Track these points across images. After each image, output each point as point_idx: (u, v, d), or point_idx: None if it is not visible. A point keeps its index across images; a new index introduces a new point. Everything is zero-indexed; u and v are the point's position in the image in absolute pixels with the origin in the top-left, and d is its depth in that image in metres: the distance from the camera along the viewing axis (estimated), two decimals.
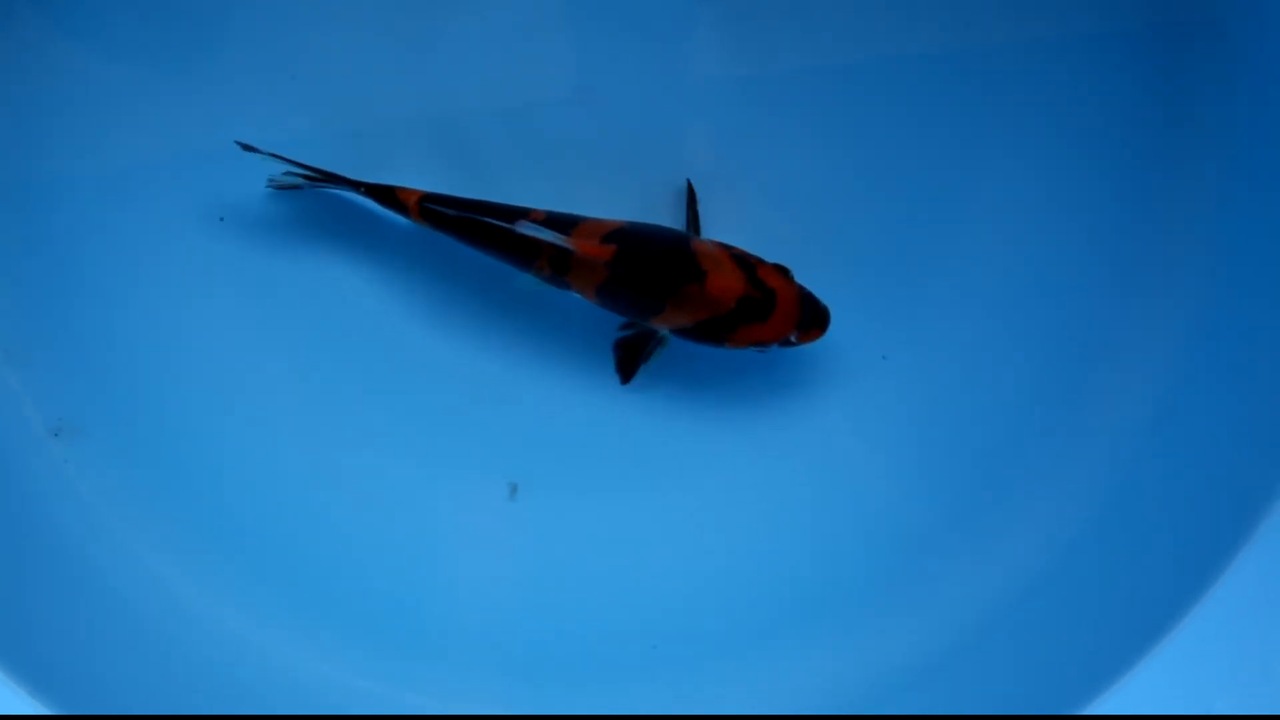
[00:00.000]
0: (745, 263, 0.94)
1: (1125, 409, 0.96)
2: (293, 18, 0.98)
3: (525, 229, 0.92)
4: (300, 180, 0.96)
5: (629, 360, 0.97)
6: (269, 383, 0.98)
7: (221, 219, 0.98)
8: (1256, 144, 0.94)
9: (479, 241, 0.94)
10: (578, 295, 0.95)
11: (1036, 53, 0.99)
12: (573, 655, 0.95)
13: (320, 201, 0.99)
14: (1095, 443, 0.96)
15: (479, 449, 0.98)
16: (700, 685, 0.95)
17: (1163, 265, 0.97)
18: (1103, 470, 0.96)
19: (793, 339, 0.94)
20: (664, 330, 0.96)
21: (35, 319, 0.96)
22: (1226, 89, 0.95)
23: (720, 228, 0.98)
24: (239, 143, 0.94)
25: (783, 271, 0.94)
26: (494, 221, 0.93)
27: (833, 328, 0.95)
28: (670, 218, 0.99)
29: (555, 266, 0.93)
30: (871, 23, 0.99)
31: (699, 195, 0.99)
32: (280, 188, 0.96)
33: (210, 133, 0.97)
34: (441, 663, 0.95)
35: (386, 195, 0.95)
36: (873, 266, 1.00)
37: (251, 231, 0.99)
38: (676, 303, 0.92)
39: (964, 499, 0.98)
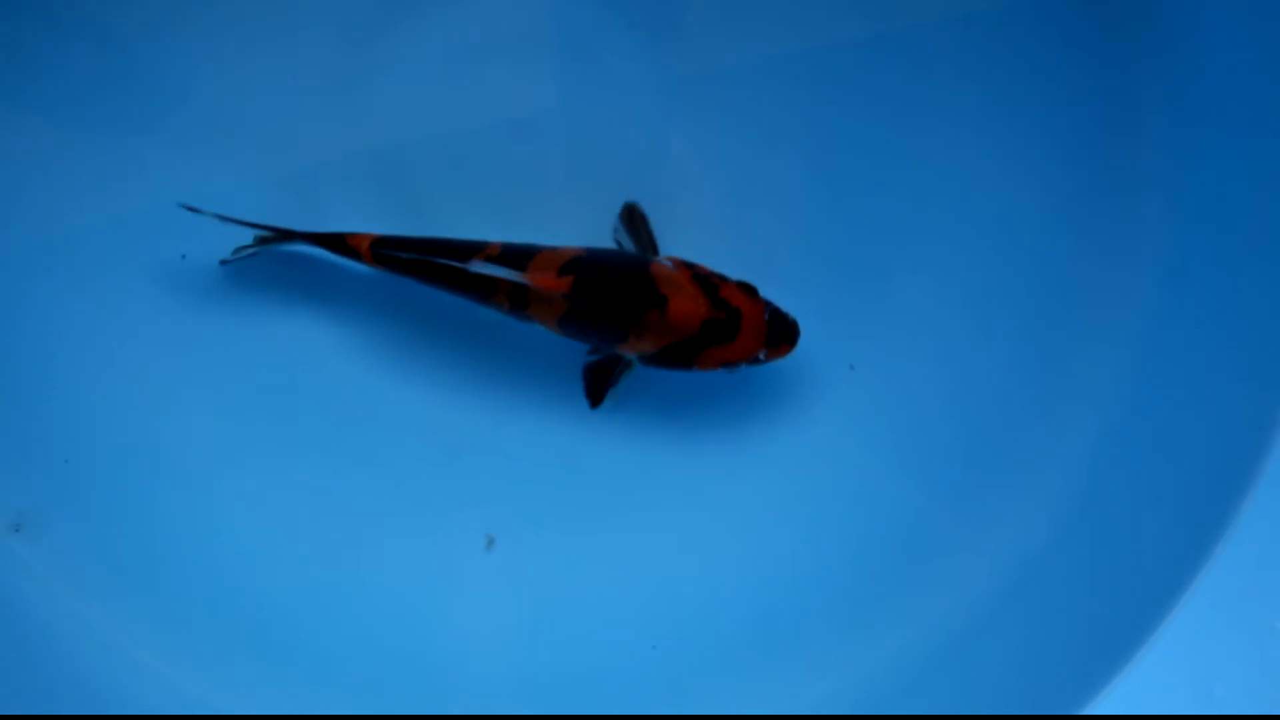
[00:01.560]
0: (708, 283, 0.92)
1: (1099, 397, 0.95)
2: (225, 74, 0.97)
3: (479, 268, 0.91)
4: (252, 247, 0.94)
5: (597, 385, 0.96)
6: (235, 450, 0.96)
7: (172, 280, 0.97)
8: (1204, 96, 0.94)
9: (435, 282, 0.93)
10: (543, 329, 0.93)
11: (974, 26, 0.98)
12: (561, 695, 0.94)
13: (272, 258, 0.97)
14: (1072, 435, 0.95)
15: (453, 501, 0.97)
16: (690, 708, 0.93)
17: (1125, 239, 0.97)
18: (1081, 461, 0.95)
19: (761, 357, 0.93)
20: (630, 356, 0.94)
21: None
22: (1166, 44, 0.95)
23: (673, 243, 0.97)
24: (183, 205, 0.93)
25: (747, 289, 0.93)
26: (448, 262, 0.92)
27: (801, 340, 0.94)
28: (627, 237, 0.98)
29: (514, 302, 0.92)
30: (804, 15, 0.98)
31: (649, 215, 0.97)
32: (235, 260, 0.95)
33: (151, 198, 0.95)
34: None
35: (337, 243, 0.93)
36: (831, 275, 0.98)
37: (203, 295, 0.97)
38: (639, 331, 0.91)
39: (942, 500, 0.97)
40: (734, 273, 0.94)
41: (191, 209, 0.92)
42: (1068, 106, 0.97)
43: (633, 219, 0.97)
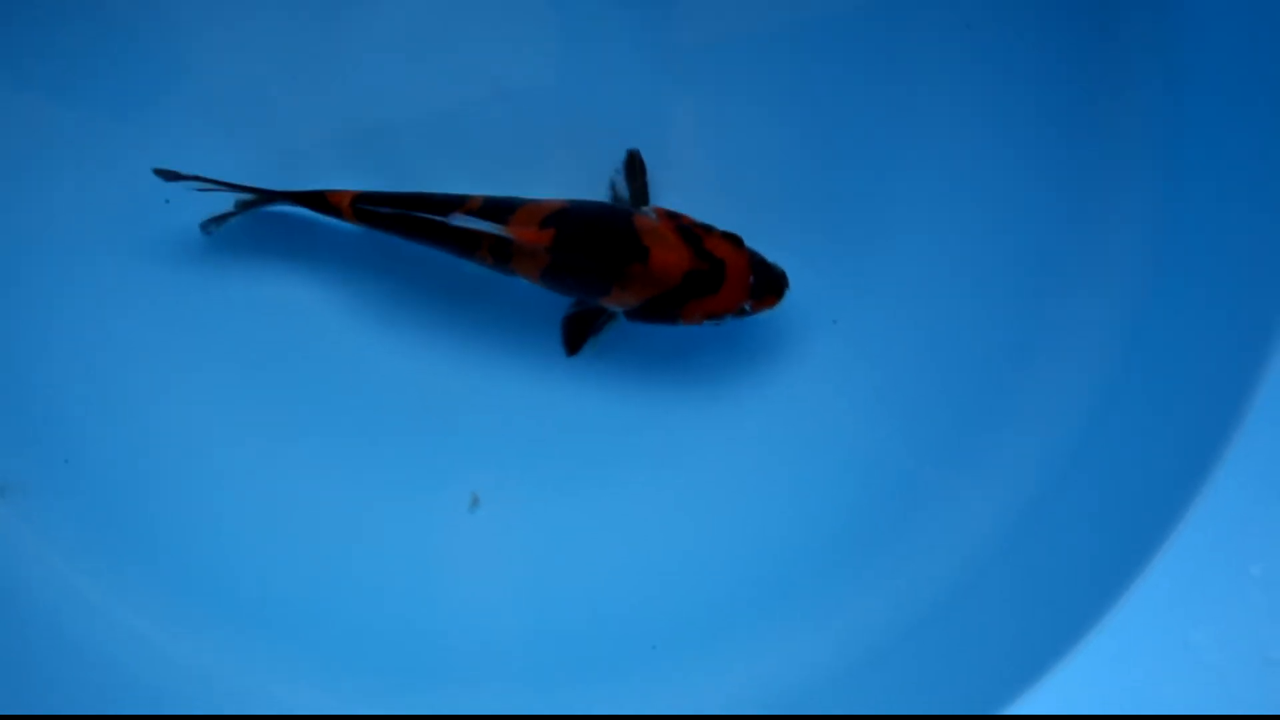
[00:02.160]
0: (691, 234, 0.92)
1: (1087, 350, 0.95)
2: (203, 44, 0.96)
3: (460, 221, 0.90)
4: (231, 209, 0.93)
5: (576, 334, 0.96)
6: (216, 412, 0.96)
7: (155, 247, 0.96)
8: (1194, 52, 0.93)
9: (417, 237, 0.93)
10: (526, 282, 0.93)
11: None
12: (554, 657, 0.94)
13: (252, 221, 0.96)
14: (1060, 388, 0.95)
15: (437, 460, 0.97)
16: (686, 671, 0.94)
17: (1114, 196, 0.96)
18: (1071, 413, 0.95)
19: (747, 308, 0.93)
20: (614, 308, 0.94)
21: None
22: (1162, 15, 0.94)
23: (661, 200, 0.97)
24: (157, 170, 0.92)
25: (732, 239, 0.92)
26: (429, 216, 0.91)
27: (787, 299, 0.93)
28: (621, 187, 0.97)
29: (497, 255, 0.91)
30: None
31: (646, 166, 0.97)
32: (215, 222, 0.94)
33: (131, 166, 0.94)
34: (423, 679, 0.94)
35: (318, 201, 0.93)
36: (815, 229, 0.97)
37: (182, 259, 0.96)
38: (622, 283, 0.91)
39: (931, 453, 0.97)
40: (721, 226, 0.93)
41: (168, 174, 0.91)
42: (1055, 61, 0.96)
43: (633, 167, 0.96)
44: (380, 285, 0.97)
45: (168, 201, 0.95)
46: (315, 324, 0.96)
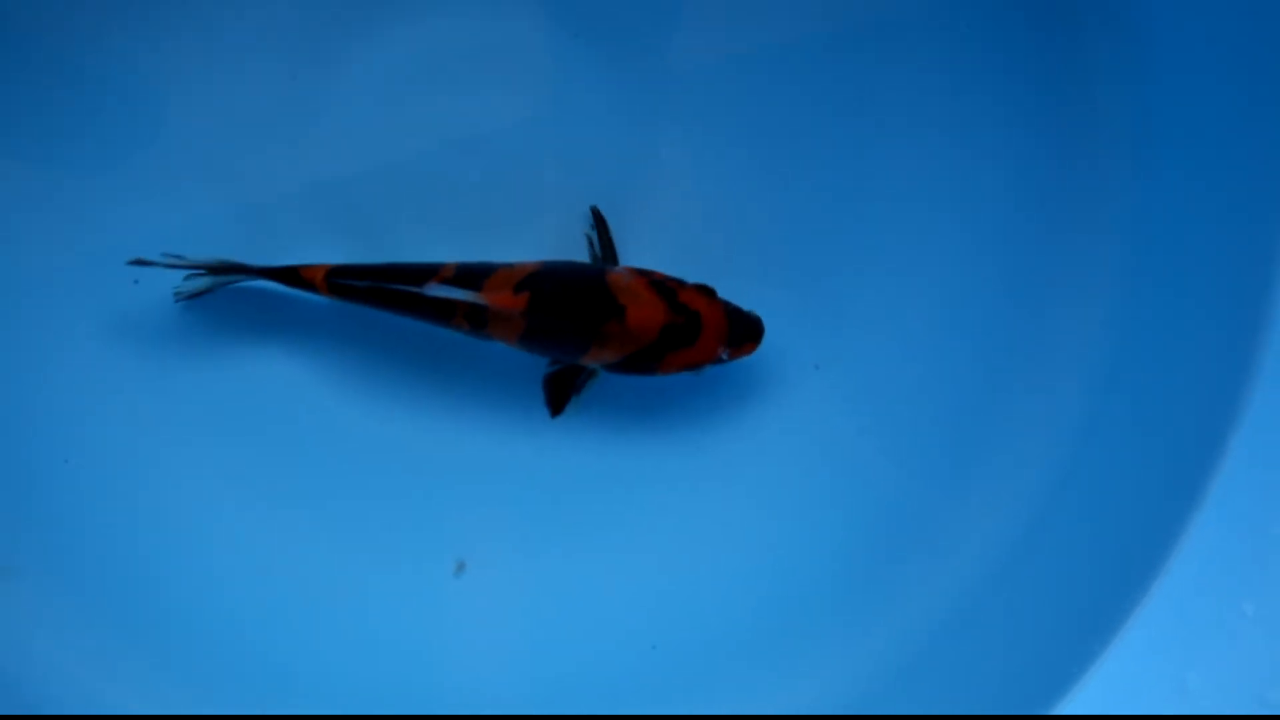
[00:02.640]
0: (665, 289, 0.91)
1: (1071, 375, 0.95)
2: (171, 107, 0.96)
3: (435, 290, 0.90)
4: (205, 283, 0.93)
5: (558, 393, 0.96)
6: (201, 486, 0.96)
7: (131, 322, 0.96)
8: (1158, 58, 0.93)
9: (392, 308, 0.92)
10: (503, 345, 0.93)
11: (931, 8, 0.96)
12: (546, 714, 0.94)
13: (228, 295, 0.96)
14: (1046, 417, 0.95)
15: (423, 527, 0.96)
16: None
17: (1089, 214, 0.95)
18: (1058, 441, 0.94)
19: (724, 357, 0.92)
20: (594, 365, 0.94)
21: None
22: (1119, 8, 0.93)
23: (635, 252, 0.96)
24: (132, 261, 0.91)
25: (705, 291, 0.92)
26: (403, 288, 0.91)
27: (764, 344, 0.93)
28: (586, 248, 0.97)
29: (473, 322, 0.91)
30: (753, 17, 0.97)
31: (607, 220, 0.96)
32: (188, 297, 0.94)
33: (102, 238, 0.95)
34: None
35: (291, 276, 0.93)
36: (793, 273, 0.97)
37: (161, 335, 0.96)
38: (600, 342, 0.90)
39: (919, 490, 0.97)
40: (693, 277, 0.93)
41: (141, 262, 0.91)
42: (1025, 83, 0.96)
43: (598, 222, 0.96)
44: (356, 353, 0.97)
45: (136, 282, 0.95)
46: (295, 394, 0.96)
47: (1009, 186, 0.96)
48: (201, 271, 0.93)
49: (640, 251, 0.96)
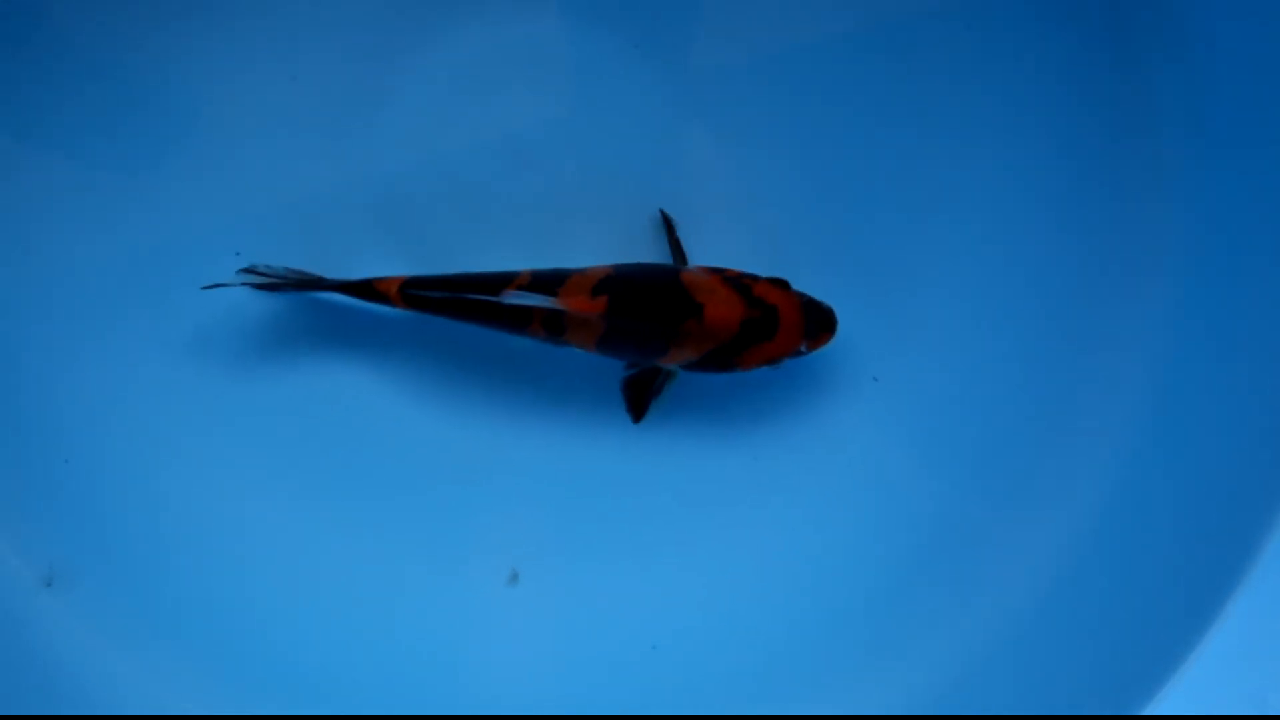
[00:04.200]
0: (740, 284, 0.92)
1: (1124, 406, 0.94)
2: (232, 112, 0.97)
3: (512, 298, 0.90)
4: (277, 280, 0.93)
5: (638, 398, 0.96)
6: (261, 493, 0.96)
7: (193, 329, 0.96)
8: (1221, 105, 0.92)
9: (468, 318, 0.92)
10: (581, 351, 0.93)
11: (992, 39, 0.96)
12: None
13: (297, 303, 0.96)
14: (1094, 446, 0.95)
15: (480, 535, 0.96)
16: None
17: (1147, 244, 0.95)
18: (1106, 475, 0.94)
19: (803, 349, 0.93)
20: (672, 366, 0.94)
21: (13, 472, 0.94)
22: (1183, 51, 0.93)
23: (705, 253, 0.96)
24: (207, 286, 0.92)
25: (780, 284, 0.92)
26: (479, 297, 0.91)
27: (821, 353, 0.93)
28: (653, 249, 0.97)
29: (550, 329, 0.91)
30: (812, 24, 0.97)
31: (675, 222, 0.96)
32: (258, 286, 0.94)
33: (174, 255, 0.95)
34: None
35: (365, 290, 0.93)
36: (852, 288, 0.96)
37: (225, 343, 0.96)
38: (679, 341, 0.91)
39: (970, 511, 0.96)
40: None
41: (216, 285, 0.92)
42: (1087, 119, 0.96)
43: (667, 224, 0.96)
44: (414, 361, 0.97)
45: (238, 254, 0.95)
46: (356, 401, 0.96)
47: (1065, 223, 0.96)
48: (275, 281, 0.93)
49: (699, 257, 0.97)
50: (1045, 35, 0.96)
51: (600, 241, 0.97)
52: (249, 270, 0.93)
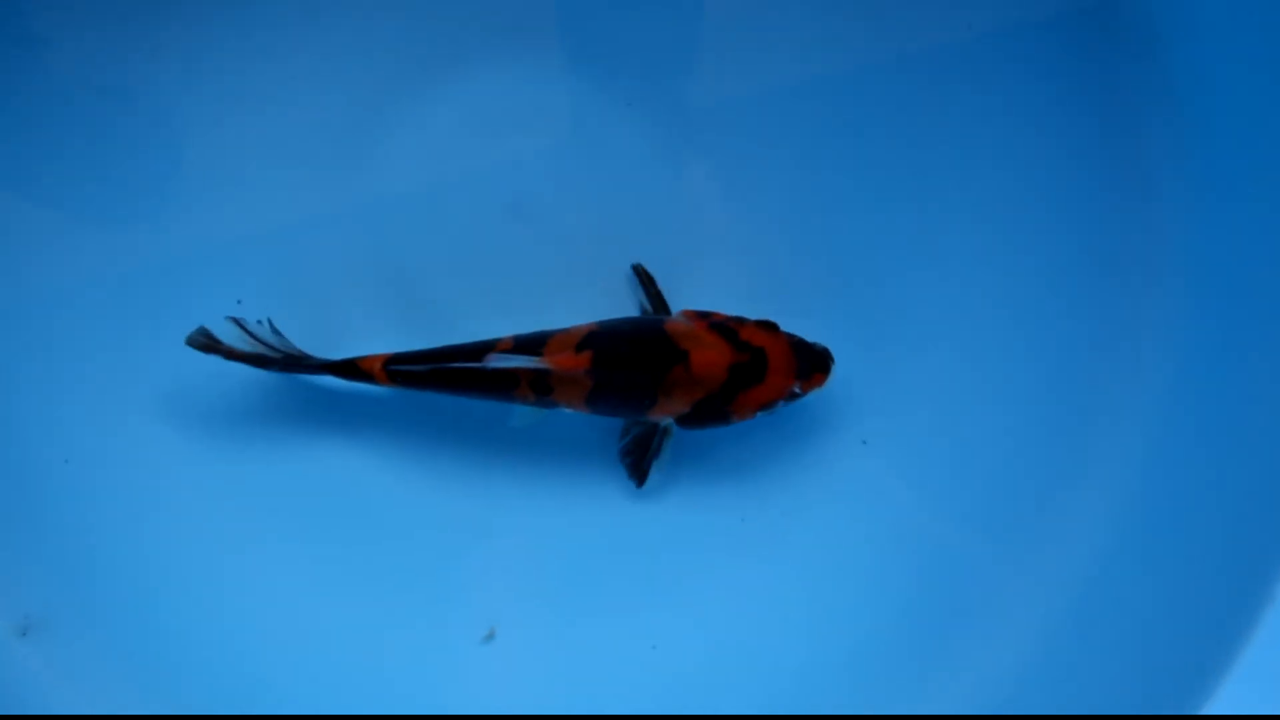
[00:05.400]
0: (725, 329, 0.91)
1: (1112, 475, 0.94)
2: (220, 167, 0.97)
3: (496, 361, 0.89)
4: (261, 356, 0.92)
5: (638, 462, 0.94)
6: (243, 552, 0.94)
7: (177, 391, 0.96)
8: (1220, 169, 0.93)
9: (454, 388, 0.91)
10: (570, 411, 0.92)
11: (990, 98, 0.98)
12: None
13: (276, 376, 0.96)
14: (1085, 508, 0.94)
15: (458, 593, 0.95)
16: None
17: (1143, 318, 0.95)
18: (1098, 535, 0.93)
19: (797, 390, 0.91)
20: (665, 421, 0.92)
21: None
22: (1180, 115, 0.95)
23: (701, 302, 0.96)
24: (190, 341, 0.91)
25: (768, 326, 0.91)
26: (464, 365, 0.90)
27: (810, 415, 0.93)
28: (639, 302, 0.97)
29: (537, 390, 0.90)
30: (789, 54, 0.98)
31: (655, 275, 0.96)
32: (242, 359, 0.92)
33: (162, 306, 0.96)
34: None
35: (349, 370, 0.92)
36: (846, 346, 0.94)
37: (207, 399, 0.96)
38: (667, 390, 0.89)
39: (964, 567, 0.95)
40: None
41: (205, 347, 0.90)
42: (1084, 181, 0.97)
43: (643, 278, 0.96)
44: (393, 424, 0.96)
45: (240, 302, 0.95)
46: (335, 461, 0.95)
47: (1060, 285, 0.96)
48: (261, 354, 0.92)
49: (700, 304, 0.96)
50: (1045, 104, 0.97)
51: (596, 289, 0.97)
52: (236, 322, 0.91)
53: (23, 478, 0.94)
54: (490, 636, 0.94)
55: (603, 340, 0.90)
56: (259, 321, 0.93)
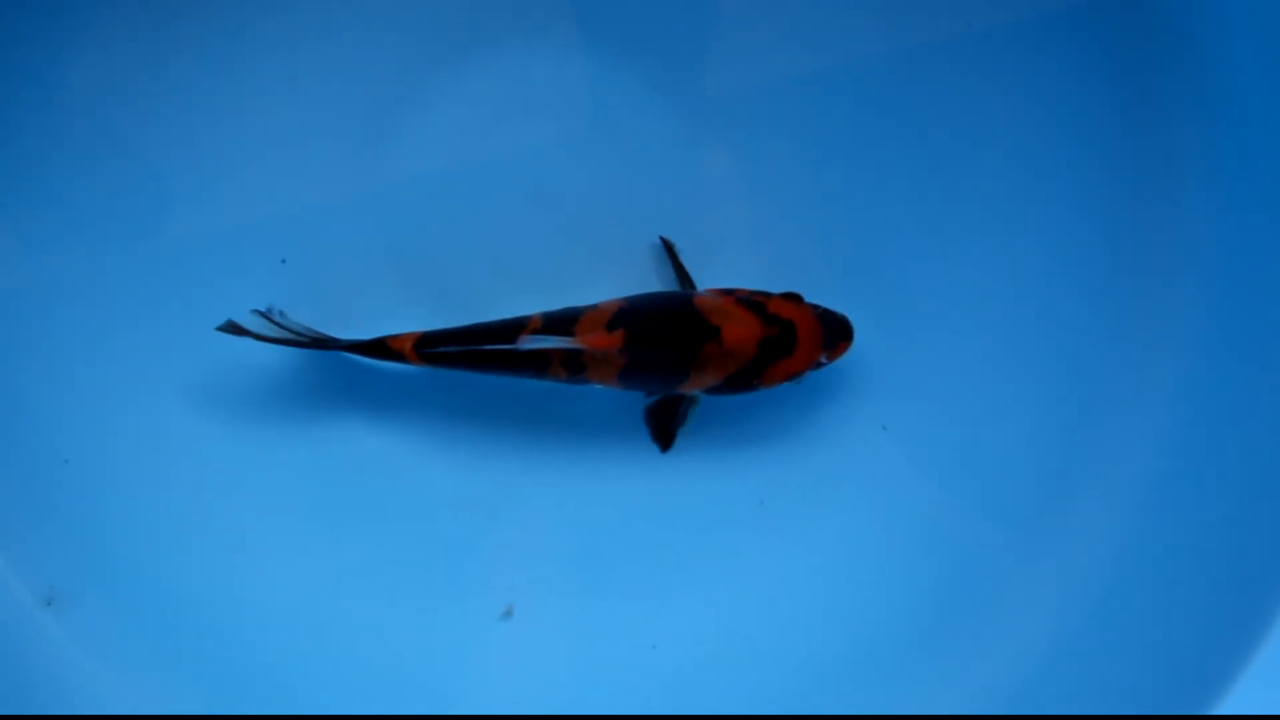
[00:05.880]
0: (753, 303, 0.91)
1: (1127, 476, 0.95)
2: (243, 169, 0.96)
3: (529, 343, 0.90)
4: (289, 338, 0.92)
5: (663, 426, 0.96)
6: (265, 527, 0.96)
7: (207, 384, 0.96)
8: (1247, 175, 0.93)
9: (485, 367, 0.92)
10: (601, 387, 0.93)
11: (1016, 99, 0.97)
12: None
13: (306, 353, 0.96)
14: (1100, 503, 0.95)
15: (477, 572, 0.96)
16: None
17: (1158, 319, 0.96)
18: (1114, 531, 0.94)
19: (823, 360, 0.93)
20: (695, 392, 0.94)
21: (16, 497, 0.94)
22: (1209, 119, 0.94)
23: (722, 281, 0.96)
24: (222, 328, 0.90)
25: (793, 299, 0.92)
26: (496, 347, 0.90)
27: (831, 399, 0.94)
28: (668, 277, 0.97)
29: (570, 369, 0.91)
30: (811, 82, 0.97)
31: (679, 246, 0.96)
32: (272, 341, 0.92)
33: (184, 295, 0.95)
34: None
35: (379, 349, 0.92)
36: (862, 333, 0.95)
37: (231, 377, 0.96)
38: (699, 366, 0.90)
39: (980, 560, 0.96)
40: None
41: (234, 331, 0.90)
42: (1108, 169, 0.96)
43: (669, 250, 0.96)
44: (415, 401, 0.96)
45: (284, 261, 0.96)
46: (357, 440, 0.96)
47: (1084, 282, 0.97)
48: (290, 339, 0.92)
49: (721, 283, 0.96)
50: (1075, 102, 0.97)
51: (618, 271, 0.97)
52: (263, 315, 0.91)
53: (53, 457, 0.95)
54: (508, 614, 0.95)
55: (634, 318, 0.90)
56: (281, 313, 0.93)
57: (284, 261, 0.95)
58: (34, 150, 0.95)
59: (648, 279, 0.97)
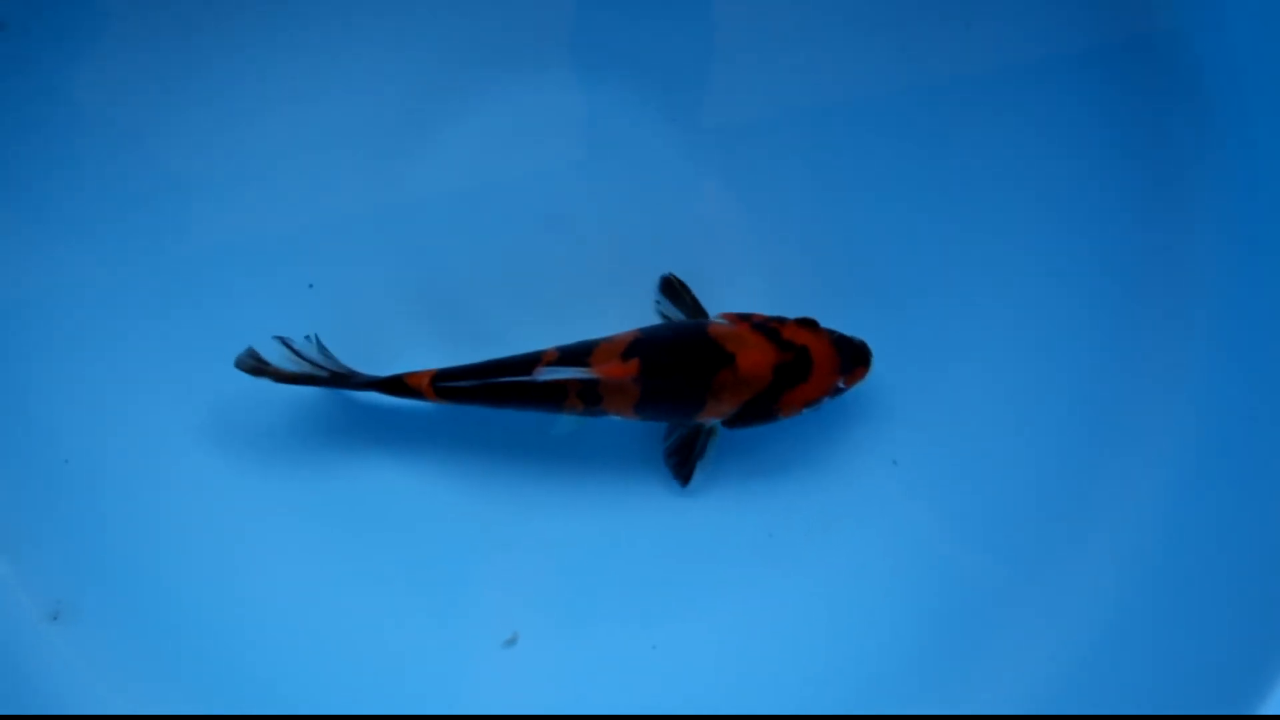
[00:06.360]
0: (768, 329, 0.92)
1: (1136, 508, 0.94)
2: (260, 194, 0.98)
3: (545, 375, 0.90)
4: (307, 375, 0.92)
5: (683, 462, 0.95)
6: (272, 546, 0.96)
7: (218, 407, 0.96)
8: (1257, 215, 0.93)
9: (503, 402, 0.92)
10: (618, 419, 0.93)
11: (1025, 134, 0.98)
12: None
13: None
14: (1117, 534, 0.94)
15: (482, 599, 0.96)
16: None
17: (1171, 359, 0.95)
18: (1123, 569, 0.93)
19: (841, 386, 0.92)
20: (711, 422, 0.94)
21: (26, 509, 0.94)
22: (1219, 160, 0.95)
23: (730, 308, 0.97)
24: (241, 366, 0.91)
25: (808, 324, 0.92)
26: (512, 379, 0.91)
27: (842, 432, 0.94)
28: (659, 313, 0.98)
29: (586, 400, 0.91)
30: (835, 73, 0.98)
31: (689, 284, 0.97)
32: (289, 380, 0.92)
33: (202, 321, 0.96)
34: None
35: (396, 386, 0.93)
36: (874, 365, 0.95)
37: (244, 406, 0.96)
38: (715, 393, 0.90)
39: (987, 596, 0.95)
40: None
41: (253, 370, 0.91)
42: (1120, 207, 0.97)
43: (673, 289, 0.96)
44: (427, 431, 0.97)
45: (311, 286, 0.97)
46: (367, 468, 0.96)
47: (1094, 320, 0.97)
48: (306, 375, 0.92)
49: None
50: (1085, 142, 0.97)
51: (630, 294, 0.97)
52: (283, 342, 0.92)
53: (69, 476, 0.95)
54: (512, 641, 0.95)
55: (649, 347, 0.90)
56: (305, 338, 0.93)
57: (311, 286, 0.97)
58: (47, 153, 0.96)
59: (655, 308, 0.98)
